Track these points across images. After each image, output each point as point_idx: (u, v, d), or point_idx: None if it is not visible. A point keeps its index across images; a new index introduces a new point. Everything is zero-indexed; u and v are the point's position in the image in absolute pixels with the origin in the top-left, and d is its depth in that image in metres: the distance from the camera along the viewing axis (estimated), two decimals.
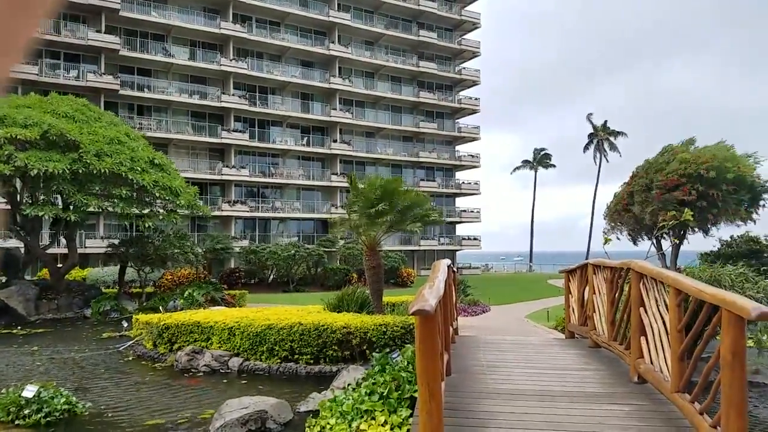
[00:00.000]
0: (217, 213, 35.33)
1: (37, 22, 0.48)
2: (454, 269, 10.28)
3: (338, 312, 12.30)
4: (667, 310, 4.64)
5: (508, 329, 14.87)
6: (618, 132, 56.91)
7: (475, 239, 49.85)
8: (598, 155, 56.62)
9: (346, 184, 41.45)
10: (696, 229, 22.01)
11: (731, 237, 22.94)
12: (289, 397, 8.34)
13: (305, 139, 42.62)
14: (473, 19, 49.19)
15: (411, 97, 46.61)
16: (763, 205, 22.04)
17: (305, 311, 12.80)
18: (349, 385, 7.35)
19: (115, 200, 19.59)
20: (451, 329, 7.61)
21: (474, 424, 4.44)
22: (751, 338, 12.66)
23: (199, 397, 9.20)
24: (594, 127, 57.03)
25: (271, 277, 32.06)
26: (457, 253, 49.33)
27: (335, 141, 42.53)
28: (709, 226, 22.38)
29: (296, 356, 10.52)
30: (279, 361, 10.58)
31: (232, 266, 33.19)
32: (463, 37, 49.73)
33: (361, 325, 10.49)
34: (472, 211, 49.78)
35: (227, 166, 38.17)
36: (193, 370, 10.91)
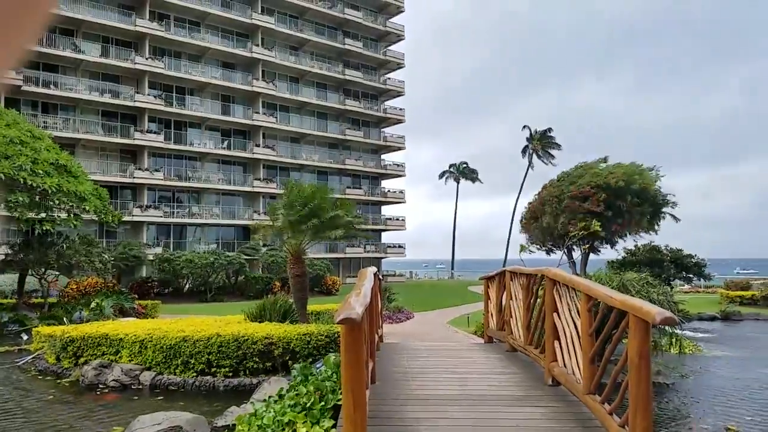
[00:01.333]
0: (128, 218, 33.47)
1: (36, 26, 0.47)
2: (380, 277, 10.32)
3: (260, 322, 11.98)
4: (579, 315, 4.87)
5: (431, 335, 15.13)
6: (553, 143, 58.03)
7: (400, 247, 50.46)
8: (530, 164, 57.94)
9: (269, 190, 41.16)
10: (604, 242, 23.46)
11: (635, 246, 24.67)
12: (206, 412, 8.00)
13: (226, 142, 41.37)
14: (397, 30, 50.03)
15: (337, 105, 46.59)
16: (663, 217, 23.85)
17: (224, 322, 12.36)
18: (270, 397, 7.14)
19: (11, 205, 18.05)
20: (376, 336, 7.62)
21: (398, 431, 4.45)
22: (655, 342, 13.61)
23: (107, 415, 8.62)
24: (529, 136, 58.10)
25: (187, 286, 30.75)
26: (382, 260, 49.70)
27: (258, 145, 41.63)
28: (615, 238, 23.90)
29: (214, 369, 10.12)
30: (195, 374, 10.12)
31: (144, 275, 31.52)
32: (388, 47, 50.46)
33: (283, 335, 10.27)
34: (397, 219, 50.40)
35: (140, 169, 36.29)
36: (101, 386, 10.22)
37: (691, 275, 25.34)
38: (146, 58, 36.64)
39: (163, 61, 37.68)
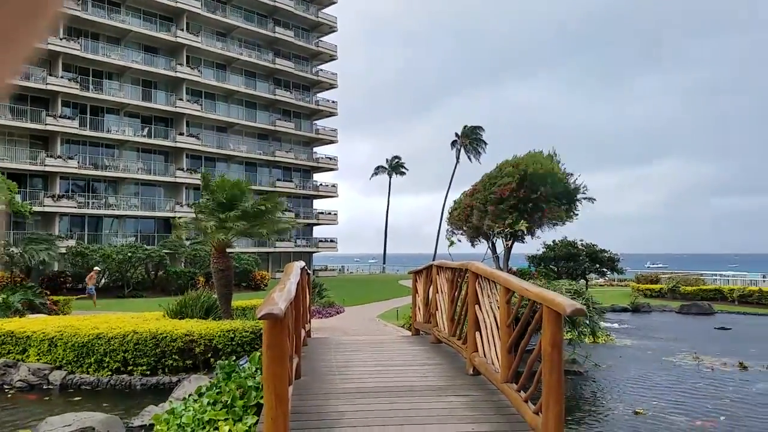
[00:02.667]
0: (38, 209, 31.25)
1: (42, 30, 0.47)
2: (309, 271, 10.23)
3: (181, 318, 11.55)
4: (498, 307, 5.05)
5: (361, 329, 15.18)
6: (480, 140, 59.59)
7: (332, 241, 50.22)
8: (457, 160, 59.30)
9: (193, 181, 39.67)
10: (525, 233, 24.43)
11: (553, 241, 25.86)
12: (121, 412, 7.63)
13: (146, 129, 39.41)
14: (330, 22, 49.55)
15: (267, 94, 45.53)
16: (580, 202, 24.97)
17: (141, 318, 11.84)
18: (190, 395, 6.93)
19: None
20: (303, 332, 7.56)
21: (322, 425, 4.44)
22: (570, 332, 14.38)
23: (12, 417, 8.03)
24: (459, 133, 59.44)
25: (103, 281, 29.13)
26: (313, 255, 49.28)
27: (182, 134, 40.02)
28: (534, 228, 24.95)
29: (130, 368, 9.67)
30: (110, 373, 9.64)
31: (56, 269, 29.58)
32: (321, 39, 49.87)
33: (205, 331, 9.97)
34: (329, 213, 50.08)
35: (52, 156, 33.92)
36: (5, 387, 9.51)
37: (605, 269, 26.94)
38: (60, 39, 34.22)
39: (79, 43, 35.34)
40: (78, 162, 34.96)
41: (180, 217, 18.80)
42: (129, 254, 28.06)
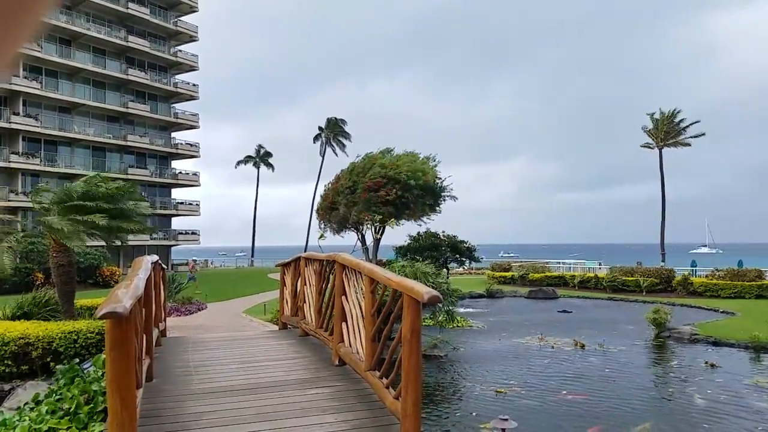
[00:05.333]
0: None
1: (32, 27, 0.48)
2: (164, 266, 9.58)
3: (15, 320, 10.24)
4: (364, 297, 5.12)
5: (224, 326, 14.63)
6: (344, 132, 59.93)
7: (193, 233, 47.65)
8: (324, 153, 59.16)
9: (31, 167, 35.38)
10: (394, 225, 25.22)
11: (418, 233, 26.97)
12: None
13: None
14: (190, 2, 46.63)
15: (118, 74, 41.68)
16: (444, 200, 26.32)
17: None
18: (26, 404, 6.17)
19: None
20: (157, 331, 7.07)
21: (175, 428, 4.19)
22: (431, 318, 15.10)
23: None
24: (323, 125, 59.34)
25: None
26: (173, 248, 46.41)
27: (17, 114, 35.36)
28: (403, 222, 25.86)
29: None
30: None
31: None
32: (180, 18, 46.78)
33: (43, 334, 8.93)
34: (190, 204, 47.35)
35: None
36: None
37: (464, 259, 28.70)
38: None
39: None
40: None
41: (16, 207, 16.62)
42: None
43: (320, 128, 59.46)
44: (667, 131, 42.42)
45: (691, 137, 42.56)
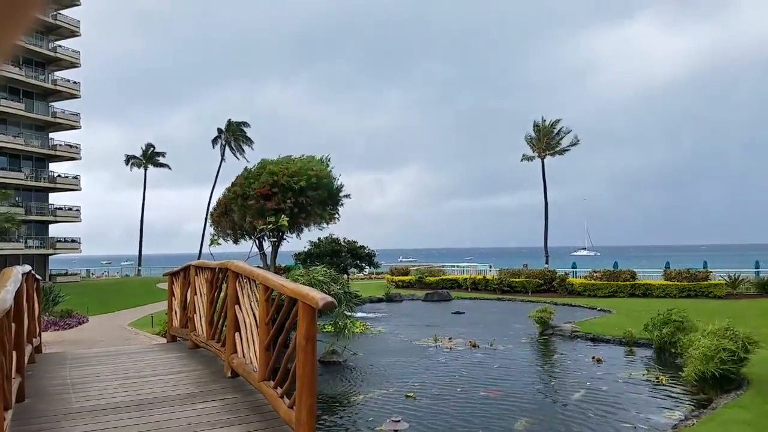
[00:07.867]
0: None
1: (23, 25, 0.49)
2: (39, 277, 8.78)
3: None
4: (259, 305, 5.02)
5: (107, 340, 13.69)
6: (245, 136, 57.64)
7: (73, 241, 43.97)
8: (223, 156, 56.75)
9: None
10: (290, 232, 24.80)
11: (318, 239, 26.86)
12: None
13: None
14: None
15: None
16: (342, 204, 26.21)
17: None
18: None
19: None
20: (30, 347, 6.48)
21: None
22: (331, 324, 15.06)
23: None
24: (222, 128, 56.91)
25: None
26: (50, 257, 42.51)
27: None
28: (302, 227, 25.52)
29: None
30: None
31: None
32: (60, 11, 43.19)
33: None
34: (70, 209, 43.64)
35: None
36: None
37: (364, 264, 29.01)
38: None
39: None
40: None
41: None
42: None
43: (219, 130, 57.30)
44: (548, 141, 45.61)
45: (570, 146, 46.02)
